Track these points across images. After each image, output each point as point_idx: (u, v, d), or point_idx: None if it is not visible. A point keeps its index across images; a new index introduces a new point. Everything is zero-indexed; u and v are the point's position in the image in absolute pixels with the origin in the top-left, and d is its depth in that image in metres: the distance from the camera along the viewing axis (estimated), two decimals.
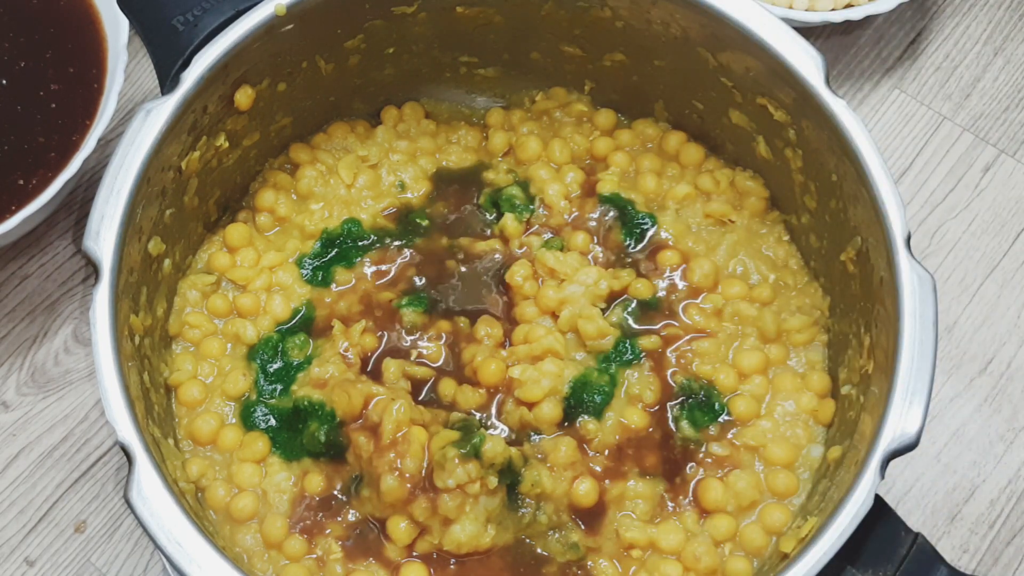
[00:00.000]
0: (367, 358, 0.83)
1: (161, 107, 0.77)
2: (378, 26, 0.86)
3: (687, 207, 0.89)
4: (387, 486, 0.74)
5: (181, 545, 0.67)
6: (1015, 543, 0.87)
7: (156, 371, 0.80)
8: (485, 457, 0.75)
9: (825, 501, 0.73)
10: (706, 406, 0.82)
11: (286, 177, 0.90)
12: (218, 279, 0.86)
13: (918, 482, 0.88)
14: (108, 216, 0.74)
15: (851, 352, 0.80)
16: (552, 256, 0.86)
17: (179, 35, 0.80)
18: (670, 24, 0.83)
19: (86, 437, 0.89)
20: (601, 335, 0.83)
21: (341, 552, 0.77)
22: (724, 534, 0.77)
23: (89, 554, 0.85)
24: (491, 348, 0.83)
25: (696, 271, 0.86)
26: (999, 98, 1.03)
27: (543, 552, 0.78)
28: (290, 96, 0.87)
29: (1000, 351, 0.93)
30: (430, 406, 0.81)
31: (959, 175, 1.00)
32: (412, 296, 0.85)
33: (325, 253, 0.87)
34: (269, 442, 0.80)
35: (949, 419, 0.90)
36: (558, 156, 0.91)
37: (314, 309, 0.85)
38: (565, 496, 0.78)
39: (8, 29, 0.91)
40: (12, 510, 0.86)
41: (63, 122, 0.88)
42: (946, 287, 0.95)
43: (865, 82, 1.03)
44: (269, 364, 0.83)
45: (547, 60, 0.91)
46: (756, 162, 0.89)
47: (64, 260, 0.95)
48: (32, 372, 0.91)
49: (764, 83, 0.82)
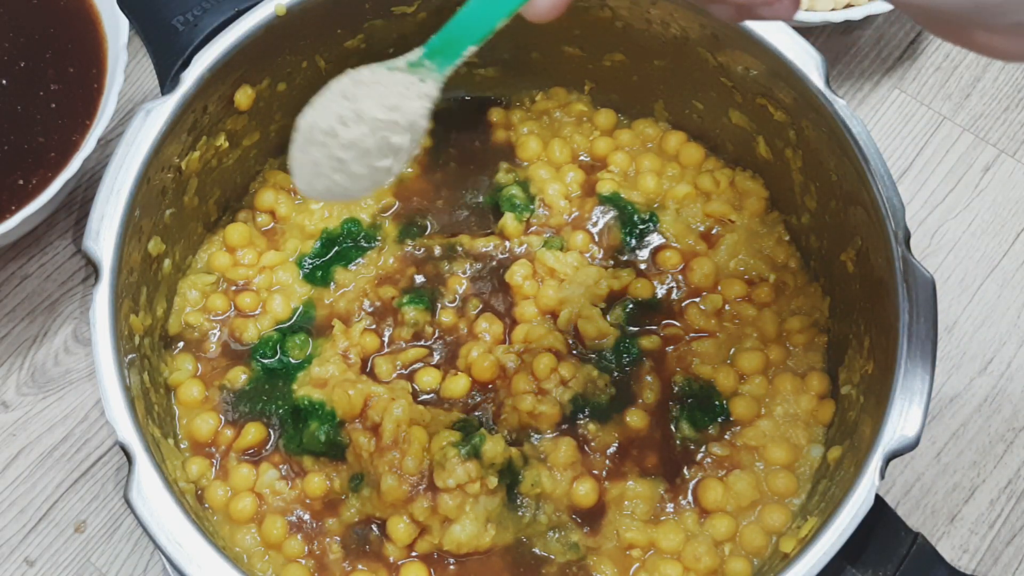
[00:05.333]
0: (367, 358, 0.83)
1: (161, 107, 0.77)
2: (378, 26, 0.86)
3: (687, 207, 0.89)
4: (387, 486, 0.74)
5: (181, 545, 0.67)
6: (1015, 543, 0.86)
7: (156, 371, 0.80)
8: (485, 457, 0.75)
9: (825, 501, 0.73)
10: (706, 406, 0.82)
11: (286, 177, 0.90)
12: (218, 279, 0.86)
13: (918, 482, 0.88)
14: (108, 216, 0.74)
15: (851, 352, 0.80)
16: (552, 256, 0.86)
17: (179, 35, 0.80)
18: (670, 24, 0.83)
19: (86, 437, 0.89)
20: (601, 335, 0.83)
21: (341, 552, 0.77)
22: (724, 534, 0.77)
23: (89, 554, 0.85)
24: (490, 346, 0.83)
25: (696, 271, 0.86)
26: (999, 98, 1.03)
27: (543, 552, 0.78)
28: (290, 96, 0.87)
29: (1000, 351, 0.93)
30: (430, 406, 0.81)
31: (959, 175, 1.00)
32: (413, 295, 0.85)
33: (325, 253, 0.87)
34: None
35: (949, 419, 0.90)
36: (558, 156, 0.91)
37: (314, 309, 0.86)
38: (565, 496, 0.78)
39: (8, 29, 0.91)
40: (12, 510, 0.86)
41: (63, 122, 0.88)
42: (946, 287, 0.95)
43: (865, 82, 1.03)
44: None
45: (547, 60, 0.91)
46: (756, 162, 0.89)
47: (64, 260, 0.95)
48: (32, 372, 0.91)
49: (764, 83, 0.82)
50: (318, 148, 0.62)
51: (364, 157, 0.62)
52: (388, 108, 0.61)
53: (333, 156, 0.62)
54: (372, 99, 0.61)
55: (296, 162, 0.63)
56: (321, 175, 0.62)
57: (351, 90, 0.61)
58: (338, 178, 0.62)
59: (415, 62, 0.62)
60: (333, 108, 0.61)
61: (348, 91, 0.61)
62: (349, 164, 0.62)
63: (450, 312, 0.85)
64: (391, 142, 0.61)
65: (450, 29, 0.62)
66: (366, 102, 0.61)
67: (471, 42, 0.61)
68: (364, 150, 0.61)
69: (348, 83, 0.62)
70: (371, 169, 0.62)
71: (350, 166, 0.62)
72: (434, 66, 0.62)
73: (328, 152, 0.62)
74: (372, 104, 0.61)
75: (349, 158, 0.61)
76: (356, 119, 0.61)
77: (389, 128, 0.61)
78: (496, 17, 0.61)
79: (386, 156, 0.62)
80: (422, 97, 0.62)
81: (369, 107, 0.61)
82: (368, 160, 0.62)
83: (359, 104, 0.61)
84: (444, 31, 0.62)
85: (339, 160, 0.62)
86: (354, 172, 0.62)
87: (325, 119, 0.61)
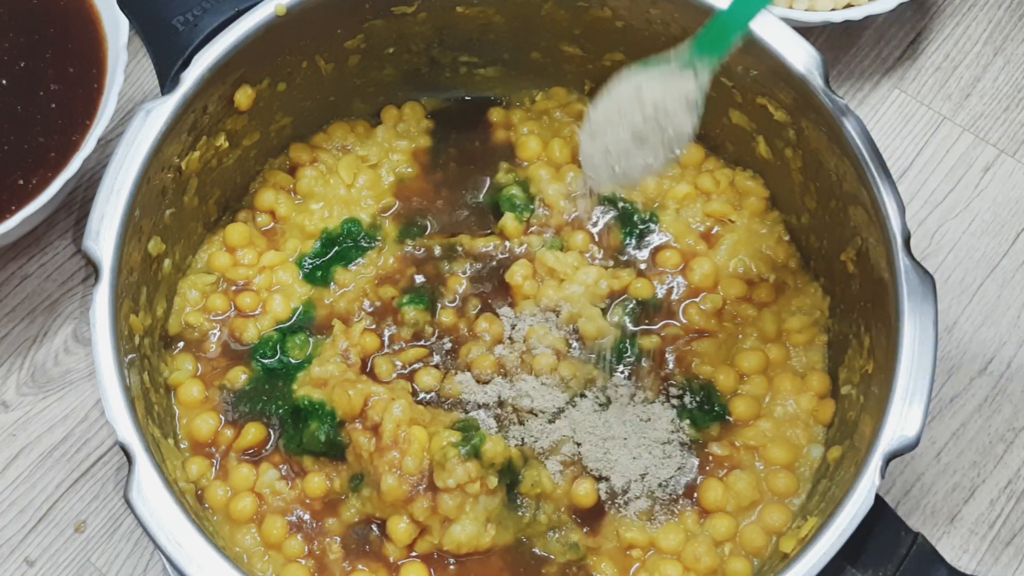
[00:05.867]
0: (367, 358, 0.83)
1: (161, 107, 0.77)
2: (378, 26, 0.86)
3: (687, 207, 0.89)
4: (387, 486, 0.74)
5: (181, 545, 0.67)
6: (1015, 543, 0.86)
7: (156, 371, 0.80)
8: (485, 457, 0.75)
9: (825, 501, 0.73)
10: (706, 406, 0.82)
11: (286, 177, 0.90)
12: (218, 279, 0.86)
13: (918, 482, 0.88)
14: (108, 216, 0.74)
15: (851, 352, 0.80)
16: (552, 256, 0.86)
17: (179, 35, 0.80)
18: (670, 24, 0.83)
19: (86, 437, 0.89)
20: (601, 335, 0.83)
21: (341, 552, 0.77)
22: (724, 534, 0.77)
23: (89, 554, 0.85)
24: (490, 345, 0.83)
25: (696, 271, 0.86)
26: (999, 98, 1.03)
27: (543, 552, 0.78)
28: (290, 96, 0.87)
29: (1000, 351, 0.93)
30: (430, 406, 0.81)
31: (959, 175, 1.00)
32: (413, 294, 0.85)
33: (325, 253, 0.87)
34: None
35: (949, 419, 0.90)
36: (558, 156, 0.91)
37: (314, 309, 0.85)
38: (565, 496, 0.78)
39: (8, 29, 0.91)
40: (12, 510, 0.86)
41: (63, 122, 0.88)
42: (946, 287, 0.95)
43: (865, 82, 1.03)
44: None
45: (547, 60, 0.91)
46: (756, 162, 0.89)
47: (64, 260, 0.95)
48: (32, 372, 0.91)
49: (764, 83, 0.82)
50: (611, 134, 0.70)
51: (647, 145, 0.69)
52: (670, 101, 0.68)
53: (621, 145, 0.69)
54: (654, 93, 0.68)
55: (585, 152, 0.71)
56: (608, 164, 0.70)
57: (632, 90, 0.69)
58: (624, 163, 0.70)
59: (685, 60, 0.69)
60: (620, 104, 0.69)
61: (631, 91, 0.69)
62: (634, 153, 0.69)
63: (450, 312, 0.85)
64: (671, 129, 0.69)
65: (717, 21, 0.69)
66: (648, 97, 0.68)
67: (739, 29, 0.69)
68: (646, 139, 0.69)
69: (630, 85, 0.69)
70: (657, 152, 0.70)
71: (636, 155, 0.69)
72: (704, 59, 0.69)
73: (617, 139, 0.69)
74: (656, 98, 0.68)
75: (635, 147, 0.69)
76: (641, 112, 0.68)
77: (668, 117, 0.69)
78: (758, 4, 0.68)
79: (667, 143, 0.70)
80: (693, 89, 0.69)
81: (653, 101, 0.68)
82: (651, 147, 0.69)
83: (644, 97, 0.68)
84: (709, 26, 0.69)
85: (625, 151, 0.70)
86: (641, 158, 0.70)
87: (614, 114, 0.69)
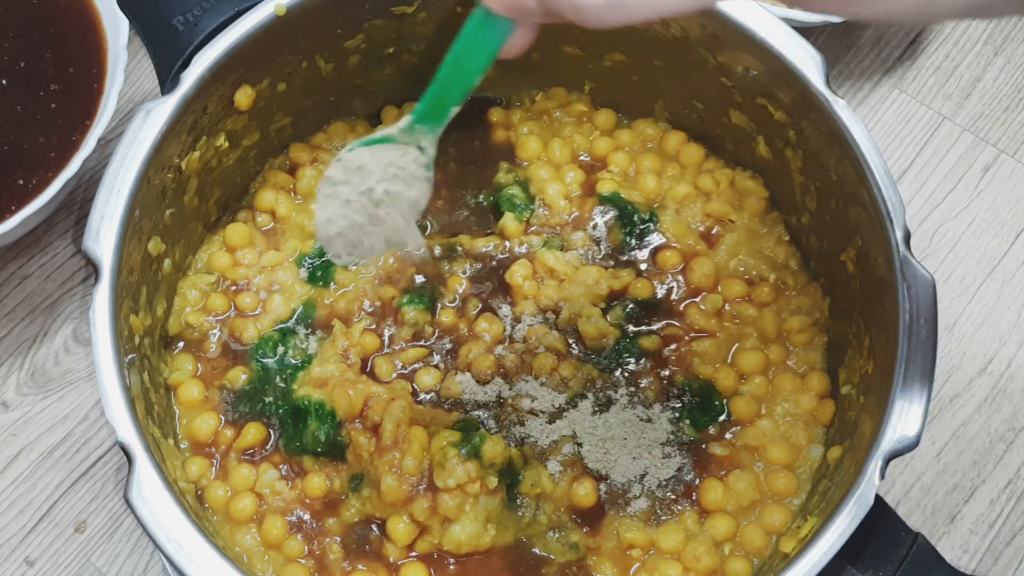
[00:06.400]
0: (367, 358, 0.83)
1: (161, 107, 0.77)
2: (378, 26, 0.86)
3: (687, 207, 0.89)
4: (387, 486, 0.74)
5: (181, 545, 0.67)
6: (1015, 543, 0.86)
7: (156, 371, 0.80)
8: (485, 457, 0.75)
9: (825, 501, 0.73)
10: (706, 406, 0.82)
11: (286, 177, 0.90)
12: (218, 279, 0.86)
13: (918, 482, 0.88)
14: (108, 216, 0.74)
15: (851, 352, 0.80)
16: (552, 256, 0.86)
17: (179, 35, 0.80)
18: (670, 24, 0.83)
19: (86, 437, 0.89)
20: (601, 335, 0.83)
21: (341, 552, 0.77)
22: (724, 534, 0.77)
23: (89, 554, 0.85)
24: (490, 345, 0.83)
25: (696, 271, 0.86)
26: (999, 98, 1.03)
27: (543, 552, 0.78)
28: (290, 96, 0.87)
29: (1000, 351, 0.93)
30: (430, 406, 0.81)
31: (959, 175, 1.00)
32: (413, 294, 0.85)
33: (325, 253, 0.87)
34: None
35: (949, 419, 0.90)
36: (558, 156, 0.91)
37: (314, 309, 0.85)
38: (565, 496, 0.78)
39: (8, 29, 0.91)
40: (12, 510, 0.86)
41: (63, 122, 0.88)
42: (946, 287, 0.95)
43: (865, 82, 1.03)
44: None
45: (547, 60, 0.91)
46: (756, 162, 0.89)
47: (64, 260, 0.95)
48: (32, 372, 0.91)
49: (764, 83, 0.82)
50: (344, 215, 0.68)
51: (380, 222, 0.68)
52: (393, 175, 0.66)
53: (355, 227, 0.68)
54: (376, 170, 0.66)
55: (320, 234, 0.69)
56: (347, 242, 0.69)
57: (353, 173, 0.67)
58: (365, 241, 0.69)
59: (406, 129, 0.66)
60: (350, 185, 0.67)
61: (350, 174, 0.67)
62: (369, 230, 0.68)
63: (450, 312, 0.85)
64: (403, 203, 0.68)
65: (432, 94, 0.64)
66: (371, 176, 0.66)
67: (454, 103, 0.64)
68: (381, 219, 0.68)
69: (342, 167, 0.67)
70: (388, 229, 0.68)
71: (370, 232, 0.68)
72: (425, 129, 0.66)
73: (351, 222, 0.68)
74: (377, 176, 0.66)
75: (369, 225, 0.68)
76: (367, 192, 0.67)
77: (398, 187, 0.67)
78: (472, 76, 0.63)
79: (400, 215, 0.68)
80: (419, 157, 0.67)
81: (376, 179, 0.66)
82: (384, 221, 0.68)
83: (366, 181, 0.67)
84: (426, 97, 0.64)
85: (360, 227, 0.68)
86: (374, 236, 0.68)
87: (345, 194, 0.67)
